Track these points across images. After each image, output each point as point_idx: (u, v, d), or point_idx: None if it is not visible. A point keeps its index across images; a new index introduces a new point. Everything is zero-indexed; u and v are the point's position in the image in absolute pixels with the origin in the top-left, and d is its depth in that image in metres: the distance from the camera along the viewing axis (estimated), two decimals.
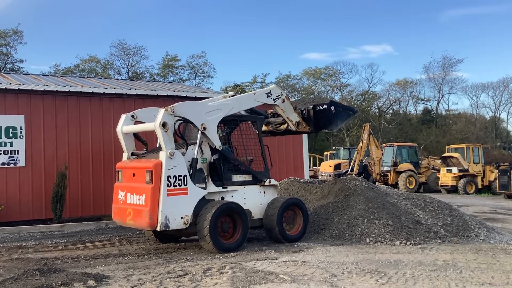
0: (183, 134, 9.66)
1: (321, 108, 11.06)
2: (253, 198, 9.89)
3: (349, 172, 27.37)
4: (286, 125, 11.03)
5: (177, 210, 8.67)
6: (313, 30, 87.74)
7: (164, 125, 8.68)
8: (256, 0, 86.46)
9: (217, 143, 9.35)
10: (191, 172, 8.95)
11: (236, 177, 9.74)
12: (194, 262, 7.96)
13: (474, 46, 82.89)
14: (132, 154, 9.87)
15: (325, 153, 40.44)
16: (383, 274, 6.99)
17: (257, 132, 10.35)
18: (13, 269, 7.75)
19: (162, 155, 8.70)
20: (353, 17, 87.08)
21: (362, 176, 14.46)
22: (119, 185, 9.61)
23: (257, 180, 10.01)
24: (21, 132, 13.48)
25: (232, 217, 9.20)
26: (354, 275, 6.97)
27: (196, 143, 9.19)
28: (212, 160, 9.43)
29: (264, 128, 11.44)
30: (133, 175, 9.20)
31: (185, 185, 8.79)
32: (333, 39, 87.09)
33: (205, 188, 9.17)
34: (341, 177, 13.83)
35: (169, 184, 8.59)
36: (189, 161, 9.03)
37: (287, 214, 10.01)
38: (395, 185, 27.05)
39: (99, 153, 14.28)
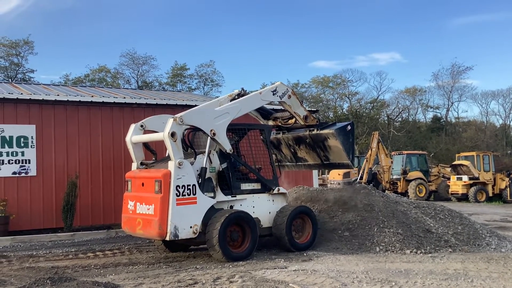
0: (191, 142, 9.70)
1: (340, 123, 11.25)
2: (262, 207, 9.88)
3: (358, 180, 27.27)
4: (294, 119, 11.05)
5: (186, 220, 8.67)
6: (321, 38, 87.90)
7: (172, 135, 8.70)
8: (264, 8, 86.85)
9: (228, 147, 9.35)
10: (199, 181, 8.97)
11: (244, 186, 9.74)
12: (203, 271, 7.97)
13: (483, 54, 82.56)
14: (141, 163, 9.91)
15: None
16: (393, 284, 6.95)
17: (265, 140, 10.36)
18: (24, 278, 7.80)
19: (171, 165, 8.73)
20: (361, 25, 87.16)
21: (371, 185, 14.44)
22: (129, 194, 9.65)
23: (265, 188, 10.00)
24: (32, 142, 13.60)
25: (241, 226, 9.19)
26: (364, 284, 6.94)
27: (204, 152, 9.23)
28: (220, 169, 9.43)
29: (272, 123, 11.48)
30: (142, 184, 9.24)
31: (194, 194, 8.80)
32: (341, 47, 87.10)
33: (214, 197, 9.18)
34: (350, 186, 13.79)
35: (178, 194, 8.60)
36: (197, 170, 9.04)
37: (296, 222, 9.99)
38: (404, 194, 26.92)
39: (109, 163, 14.36)
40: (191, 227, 8.71)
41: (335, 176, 33.19)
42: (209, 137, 9.19)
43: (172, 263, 8.99)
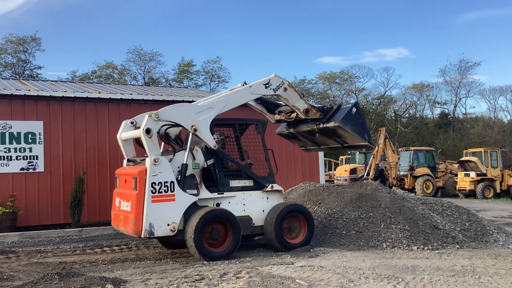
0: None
1: (344, 106, 10.89)
2: (254, 204, 9.51)
3: (365, 176, 27.24)
4: (296, 113, 10.67)
5: (162, 217, 8.46)
6: (328, 34, 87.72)
7: (147, 131, 8.52)
8: (270, 4, 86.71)
9: (212, 143, 9.08)
10: (179, 178, 8.76)
11: (234, 183, 9.39)
12: (210, 267, 7.98)
13: (491, 49, 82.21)
14: (128, 160, 9.73)
15: (341, 157, 40.26)
16: (400, 280, 6.94)
17: (260, 135, 9.98)
18: (33, 273, 7.86)
19: (147, 162, 8.58)
20: (368, 20, 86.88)
21: (378, 181, 14.37)
22: (116, 191, 9.58)
23: (259, 185, 9.66)
24: (40, 138, 13.68)
25: (224, 225, 8.90)
26: (371, 280, 6.92)
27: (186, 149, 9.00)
28: (205, 166, 9.17)
29: (277, 117, 11.20)
30: (125, 181, 9.14)
31: (172, 191, 8.56)
32: (348, 43, 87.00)
33: (196, 195, 8.91)
34: (357, 182, 13.76)
35: (153, 191, 8.40)
36: (178, 167, 8.85)
37: (290, 221, 9.65)
38: (411, 190, 26.86)
39: (116, 158, 14.37)
40: (168, 224, 8.49)
41: (341, 172, 33.19)
42: (190, 133, 8.99)
43: (179, 259, 9.01)
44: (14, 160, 13.33)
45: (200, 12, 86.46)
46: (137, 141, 9.78)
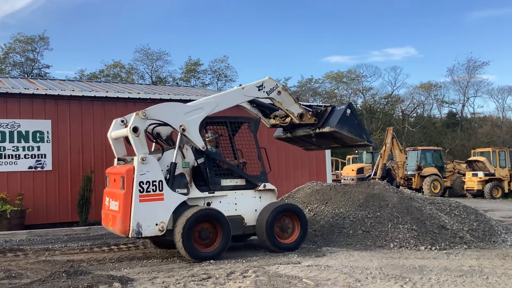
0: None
1: (338, 108, 10.73)
2: (246, 204, 9.36)
3: (372, 176, 27.16)
4: (290, 117, 10.53)
5: (151, 217, 8.35)
6: (335, 33, 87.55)
7: (135, 130, 8.44)
8: (278, 3, 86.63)
9: (200, 144, 8.96)
10: (168, 177, 8.66)
11: (226, 182, 9.23)
12: (217, 266, 8.00)
13: (499, 48, 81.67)
14: (119, 159, 9.60)
15: (348, 157, 40.17)
16: (407, 280, 6.92)
17: (252, 134, 9.81)
18: (40, 271, 7.89)
19: (135, 161, 8.49)
20: (375, 19, 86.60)
21: (385, 180, 14.33)
22: (106, 190, 9.50)
23: (252, 184, 9.50)
24: (48, 137, 13.75)
25: (213, 224, 8.76)
26: (378, 280, 6.91)
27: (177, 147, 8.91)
28: (195, 164, 9.08)
29: (272, 121, 11.08)
30: (114, 180, 9.07)
31: (161, 190, 8.44)
32: (355, 42, 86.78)
33: (186, 194, 8.82)
34: (364, 181, 13.72)
35: (141, 190, 8.29)
36: (167, 166, 8.75)
37: (282, 220, 9.51)
38: (419, 190, 26.73)
39: None
40: (156, 224, 8.38)
41: (348, 171, 33.11)
42: (179, 133, 8.89)
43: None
44: (22, 158, 13.41)
45: (206, 11, 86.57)
46: (128, 140, 9.72)
